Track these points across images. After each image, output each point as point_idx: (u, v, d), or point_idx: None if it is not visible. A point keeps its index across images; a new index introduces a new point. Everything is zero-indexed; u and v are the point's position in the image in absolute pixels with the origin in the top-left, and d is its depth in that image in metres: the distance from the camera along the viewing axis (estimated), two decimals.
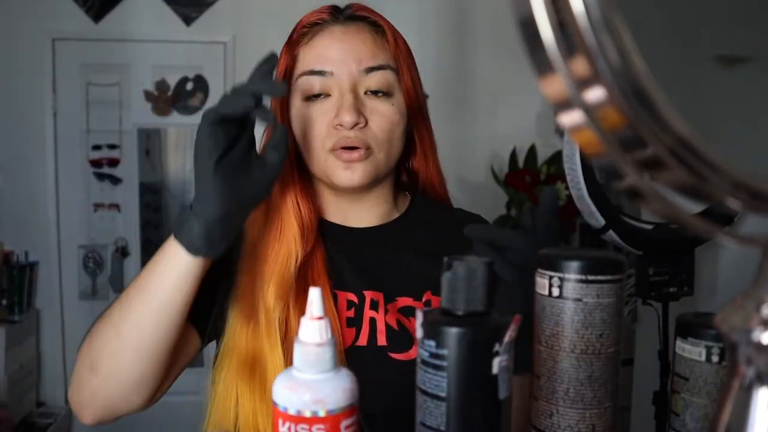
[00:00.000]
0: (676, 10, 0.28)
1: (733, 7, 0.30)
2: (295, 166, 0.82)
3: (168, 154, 3.28)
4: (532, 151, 2.80)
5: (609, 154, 0.27)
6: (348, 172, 0.78)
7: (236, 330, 0.77)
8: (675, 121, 0.25)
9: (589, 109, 0.26)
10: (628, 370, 2.12)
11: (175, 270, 0.66)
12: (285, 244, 0.78)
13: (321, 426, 0.44)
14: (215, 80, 2.92)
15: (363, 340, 0.78)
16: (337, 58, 0.77)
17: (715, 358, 0.52)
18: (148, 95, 2.91)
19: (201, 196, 0.64)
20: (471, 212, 0.95)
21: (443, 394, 0.43)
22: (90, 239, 2.90)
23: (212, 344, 0.83)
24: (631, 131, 0.26)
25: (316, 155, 0.80)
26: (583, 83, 0.26)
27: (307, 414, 0.44)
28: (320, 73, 0.78)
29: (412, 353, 0.77)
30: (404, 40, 0.83)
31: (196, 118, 2.98)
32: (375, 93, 0.78)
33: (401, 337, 0.78)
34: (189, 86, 2.93)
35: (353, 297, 0.80)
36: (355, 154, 0.77)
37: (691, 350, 0.53)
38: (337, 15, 0.81)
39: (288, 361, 0.73)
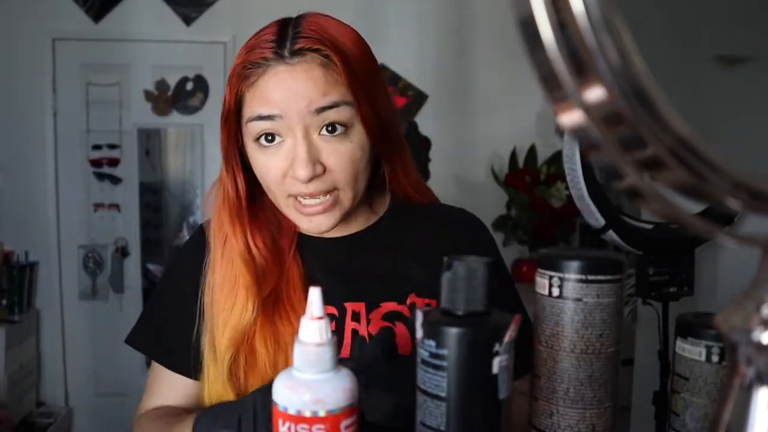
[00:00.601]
0: (676, 10, 0.28)
1: (733, 7, 0.30)
2: (245, 208, 0.80)
3: (168, 154, 3.28)
4: (532, 151, 2.80)
5: (609, 154, 0.27)
6: (313, 224, 0.76)
7: (207, 369, 0.79)
8: (675, 121, 0.25)
9: (589, 109, 0.26)
10: (628, 370, 2.12)
11: None
12: (240, 300, 0.77)
13: (321, 426, 0.44)
14: (215, 80, 2.92)
15: (345, 353, 0.76)
16: (283, 101, 0.71)
17: (715, 358, 0.52)
18: (148, 95, 2.91)
19: None
20: (454, 207, 0.91)
21: (443, 394, 0.43)
22: (90, 239, 2.90)
23: None
24: (631, 131, 0.26)
25: (277, 199, 0.78)
26: (583, 83, 0.26)
27: (307, 414, 0.44)
28: (269, 117, 0.72)
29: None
30: (365, 65, 0.75)
31: (196, 118, 3.00)
32: (331, 131, 0.72)
33: None
34: (189, 86, 2.93)
35: (333, 310, 0.79)
36: (317, 207, 0.75)
37: (691, 350, 0.53)
38: (281, 52, 0.72)
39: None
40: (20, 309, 2.71)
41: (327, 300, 0.78)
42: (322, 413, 0.44)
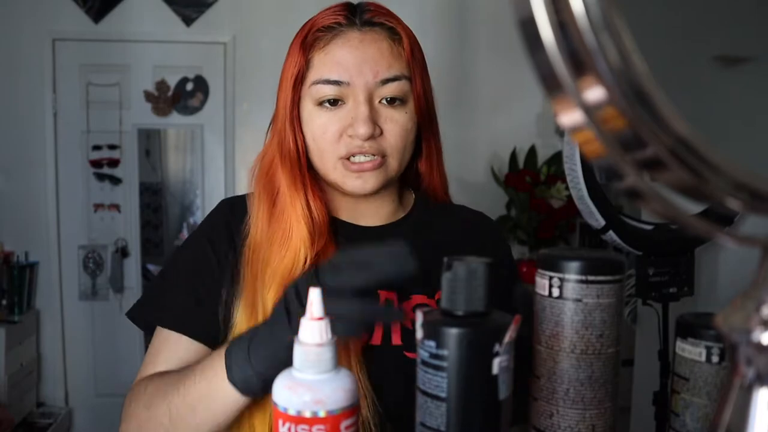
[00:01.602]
0: (676, 11, 0.28)
1: (733, 7, 0.30)
2: (305, 166, 0.82)
3: (168, 154, 3.28)
4: (532, 152, 2.80)
5: (609, 154, 0.27)
6: (360, 181, 0.79)
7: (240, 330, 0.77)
8: (675, 121, 0.25)
9: (589, 110, 0.26)
10: (629, 371, 2.12)
11: (222, 402, 0.67)
12: (292, 249, 0.77)
13: (321, 426, 0.44)
14: (215, 80, 2.92)
15: (377, 339, 0.78)
16: (353, 68, 0.76)
17: (715, 359, 0.52)
18: (148, 95, 2.91)
19: (267, 355, 0.63)
20: (474, 210, 0.96)
21: (443, 395, 0.43)
22: (90, 239, 2.90)
23: None
24: (631, 131, 0.26)
25: (327, 161, 0.80)
26: (584, 84, 0.26)
27: (307, 414, 0.44)
28: (336, 82, 0.77)
29: None
30: (419, 46, 0.82)
31: (196, 119, 3.00)
32: (390, 101, 0.78)
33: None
34: (189, 86, 2.93)
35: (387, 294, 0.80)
36: (368, 164, 0.78)
37: (691, 350, 0.53)
38: (353, 18, 0.79)
39: None
40: (20, 309, 2.71)
41: None
42: (322, 414, 0.44)
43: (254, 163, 0.86)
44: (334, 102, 0.78)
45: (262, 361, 0.63)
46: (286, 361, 0.53)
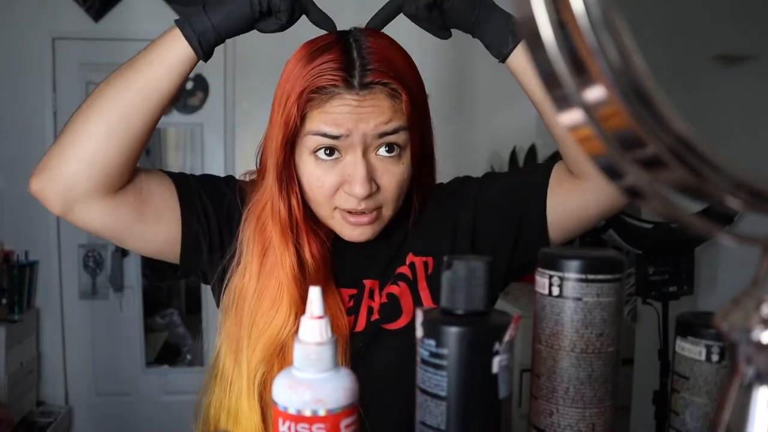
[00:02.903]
0: (676, 10, 0.28)
1: (733, 7, 0.30)
2: (301, 218, 0.81)
3: (168, 153, 3.28)
4: (532, 151, 2.80)
5: (609, 153, 0.27)
6: (356, 232, 0.80)
7: (229, 381, 0.79)
8: (675, 120, 0.25)
9: (589, 109, 0.26)
10: (628, 370, 2.12)
11: (170, 62, 0.76)
12: (282, 313, 0.78)
13: (321, 425, 0.44)
14: (215, 79, 2.92)
15: (361, 326, 0.83)
16: (351, 123, 0.74)
17: (715, 358, 0.52)
18: None
19: (223, 9, 0.75)
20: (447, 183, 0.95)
21: (443, 394, 0.43)
22: (90, 238, 2.90)
23: (211, 346, 0.84)
24: (632, 131, 0.26)
25: (323, 209, 0.80)
26: (583, 82, 0.26)
27: (307, 413, 0.44)
28: (334, 137, 0.74)
29: (401, 322, 0.83)
30: (422, 94, 0.79)
31: (196, 117, 3.00)
32: (389, 150, 0.76)
33: (392, 309, 0.84)
34: (189, 85, 2.93)
35: (354, 291, 0.84)
36: (365, 218, 0.78)
37: (691, 349, 0.53)
38: (351, 81, 0.73)
39: (266, 424, 0.77)
40: (20, 308, 2.71)
41: (351, 282, 0.84)
42: (322, 412, 0.44)
43: (244, 178, 0.89)
44: (331, 152, 0.76)
45: (217, 14, 0.75)
46: (239, 17, 0.75)
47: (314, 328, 0.46)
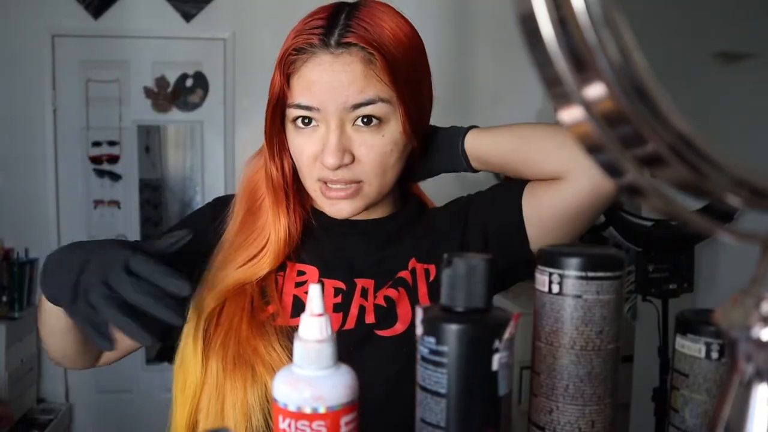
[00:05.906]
0: (676, 7, 0.28)
1: (733, 4, 0.30)
2: (290, 179, 0.83)
3: (168, 150, 3.28)
4: None
5: (609, 150, 0.27)
6: (334, 208, 0.79)
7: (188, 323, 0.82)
8: (675, 117, 0.25)
9: (589, 106, 0.26)
10: (628, 367, 2.13)
11: (49, 308, 0.74)
12: (264, 258, 0.80)
13: (321, 422, 0.44)
14: (215, 77, 2.92)
15: (351, 324, 0.79)
16: (323, 93, 0.73)
17: (714, 355, 0.52)
18: (147, 92, 2.91)
19: (53, 287, 0.70)
20: (442, 207, 0.94)
21: (443, 391, 0.43)
22: (90, 236, 2.90)
23: None
24: (631, 128, 0.26)
25: (307, 181, 0.80)
26: (583, 79, 0.26)
27: (308, 411, 0.44)
28: (307, 108, 0.74)
29: (398, 329, 0.80)
30: (410, 60, 0.76)
31: (196, 115, 3.00)
32: (366, 122, 0.74)
33: (388, 314, 0.80)
34: (189, 83, 2.93)
35: (341, 284, 0.81)
36: (341, 193, 0.77)
37: (690, 347, 0.53)
38: (327, 40, 0.72)
39: (206, 365, 0.80)
40: (20, 306, 2.71)
41: (337, 275, 0.82)
42: (322, 410, 0.44)
43: (249, 160, 0.88)
44: (309, 121, 0.76)
45: (48, 288, 0.71)
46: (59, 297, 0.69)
47: (314, 326, 0.46)
